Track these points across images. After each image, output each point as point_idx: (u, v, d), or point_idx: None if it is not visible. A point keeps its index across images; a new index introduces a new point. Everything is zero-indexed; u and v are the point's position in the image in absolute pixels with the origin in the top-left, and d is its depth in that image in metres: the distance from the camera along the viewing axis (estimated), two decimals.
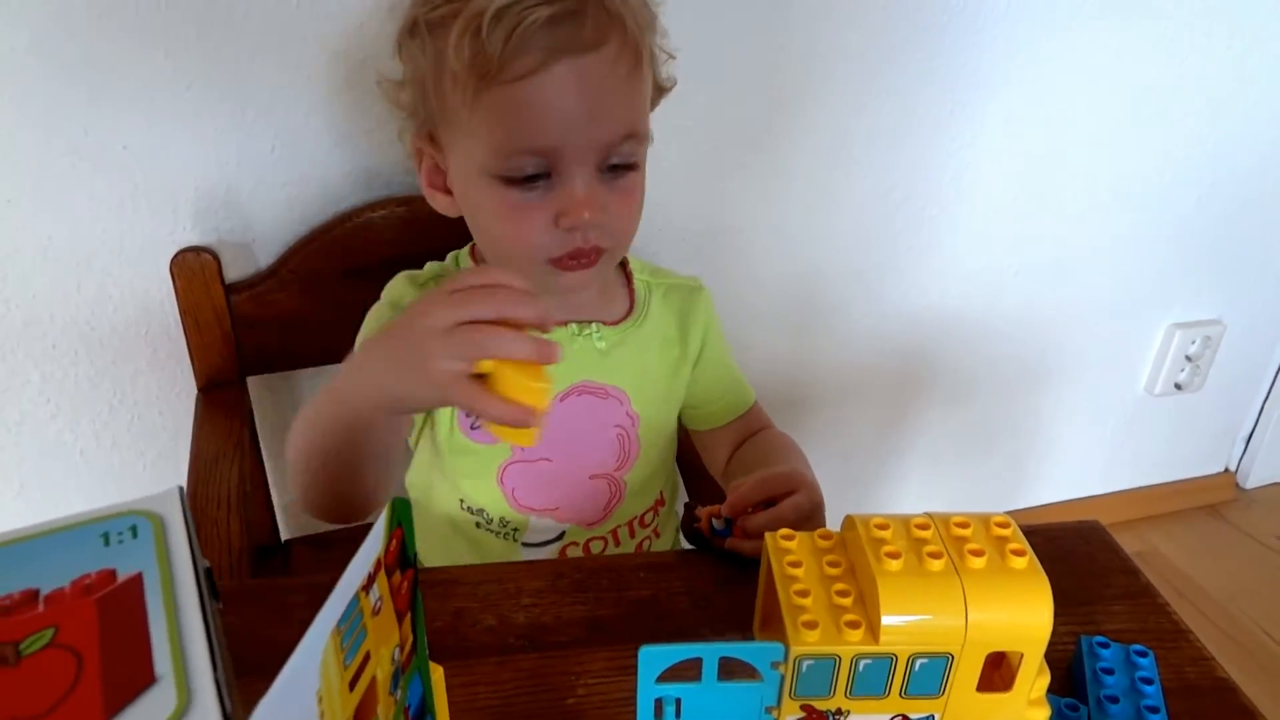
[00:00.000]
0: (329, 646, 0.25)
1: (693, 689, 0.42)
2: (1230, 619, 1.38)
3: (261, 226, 0.86)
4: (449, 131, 0.64)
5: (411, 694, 0.32)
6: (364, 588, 0.27)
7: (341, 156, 0.86)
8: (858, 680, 0.41)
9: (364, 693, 0.27)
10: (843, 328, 1.17)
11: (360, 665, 0.27)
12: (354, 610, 0.26)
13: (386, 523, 0.28)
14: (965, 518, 0.42)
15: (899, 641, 0.40)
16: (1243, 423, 1.56)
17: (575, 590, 0.55)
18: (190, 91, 0.79)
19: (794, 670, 0.41)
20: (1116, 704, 0.48)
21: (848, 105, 1.02)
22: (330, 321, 0.86)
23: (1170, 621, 0.56)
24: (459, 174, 0.66)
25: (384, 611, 0.28)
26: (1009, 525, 0.42)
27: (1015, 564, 0.40)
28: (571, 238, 0.62)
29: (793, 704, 0.42)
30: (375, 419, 0.54)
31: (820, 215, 1.08)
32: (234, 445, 0.76)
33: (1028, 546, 0.41)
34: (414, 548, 0.30)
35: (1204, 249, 1.31)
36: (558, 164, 0.61)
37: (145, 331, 0.88)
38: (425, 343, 0.47)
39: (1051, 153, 1.14)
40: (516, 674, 0.50)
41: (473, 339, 0.46)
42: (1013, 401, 1.34)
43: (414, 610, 0.31)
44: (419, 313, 0.49)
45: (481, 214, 0.66)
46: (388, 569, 0.28)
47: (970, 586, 0.39)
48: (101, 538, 0.26)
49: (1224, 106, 1.19)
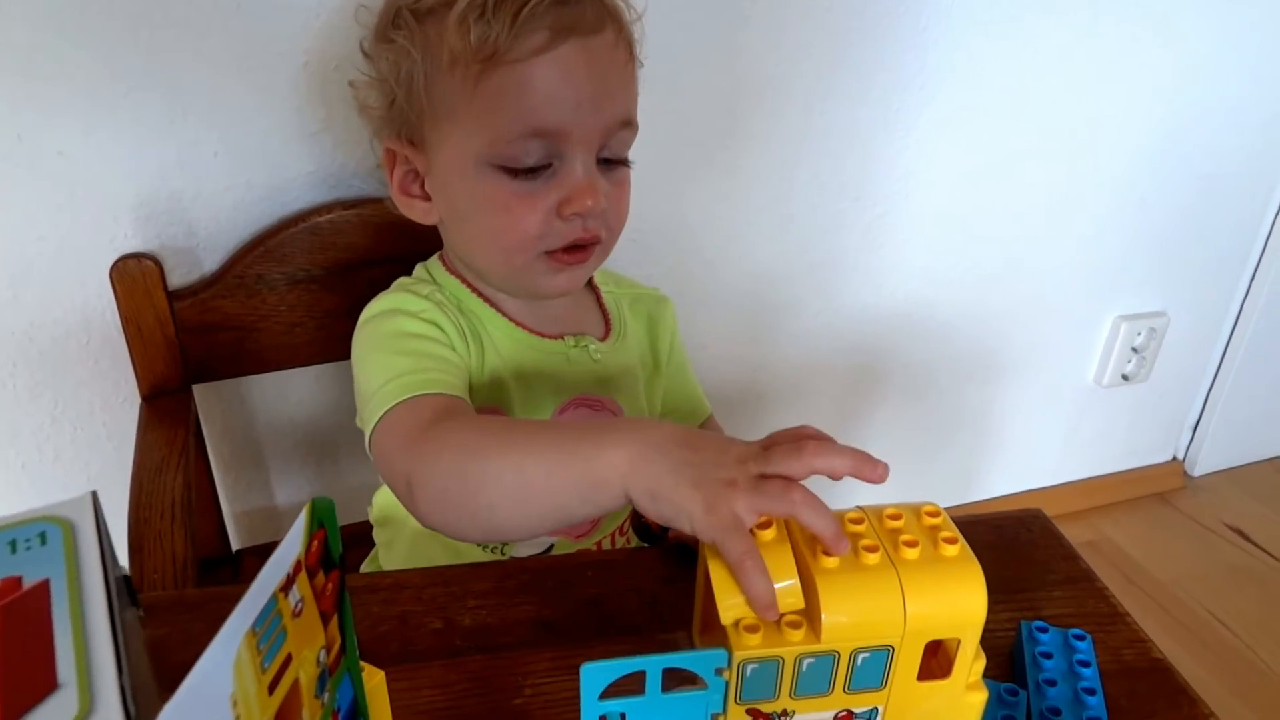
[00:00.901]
0: (243, 649, 0.24)
1: (637, 703, 0.41)
2: (1179, 603, 1.41)
3: (206, 232, 0.85)
4: (439, 125, 0.62)
5: (341, 697, 0.32)
6: (282, 589, 0.26)
7: (286, 160, 0.85)
8: (801, 680, 0.41)
9: (286, 696, 0.27)
10: (797, 327, 1.18)
11: (281, 668, 0.27)
12: (271, 612, 0.26)
13: (306, 524, 0.28)
14: (897, 509, 0.43)
15: (841, 638, 0.40)
16: (1189, 412, 1.60)
17: (522, 591, 0.55)
18: (128, 96, 0.78)
19: (738, 675, 0.41)
20: (1054, 687, 0.49)
21: (797, 106, 1.03)
22: (277, 328, 0.85)
23: (1108, 605, 0.57)
24: (448, 170, 0.64)
25: (306, 613, 0.28)
26: (939, 514, 0.42)
27: (947, 552, 0.41)
28: (572, 228, 0.62)
29: (739, 709, 0.42)
30: (601, 500, 0.47)
31: (773, 216, 1.09)
32: (178, 454, 0.75)
33: (959, 534, 0.41)
34: (338, 549, 0.30)
35: (1147, 243, 1.34)
36: (561, 149, 0.61)
37: (86, 341, 0.86)
38: (730, 473, 0.42)
39: (996, 151, 1.16)
40: (463, 676, 0.49)
41: (788, 495, 0.41)
42: (965, 396, 1.36)
43: (341, 612, 0.31)
44: (729, 443, 0.45)
45: (474, 207, 0.64)
46: (309, 570, 0.28)
47: (906, 578, 0.40)
48: (9, 545, 0.25)
49: (1163, 105, 1.22)
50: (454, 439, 0.53)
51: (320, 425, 0.97)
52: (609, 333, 0.74)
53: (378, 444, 0.59)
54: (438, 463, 0.52)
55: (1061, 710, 0.48)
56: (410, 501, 0.54)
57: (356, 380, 0.65)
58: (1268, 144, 1.35)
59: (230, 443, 0.95)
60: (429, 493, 0.53)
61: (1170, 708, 0.50)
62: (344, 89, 0.83)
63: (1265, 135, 1.33)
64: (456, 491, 0.51)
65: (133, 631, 0.28)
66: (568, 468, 0.47)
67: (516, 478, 0.49)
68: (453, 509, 0.52)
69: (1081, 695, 0.49)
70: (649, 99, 0.68)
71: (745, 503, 0.41)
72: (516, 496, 0.49)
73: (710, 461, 0.43)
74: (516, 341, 0.69)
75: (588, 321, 0.74)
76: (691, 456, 0.44)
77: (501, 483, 0.50)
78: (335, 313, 0.85)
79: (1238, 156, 1.32)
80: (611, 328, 0.75)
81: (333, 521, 0.29)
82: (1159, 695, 0.51)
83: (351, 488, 0.99)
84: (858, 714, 0.42)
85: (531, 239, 0.63)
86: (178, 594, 0.60)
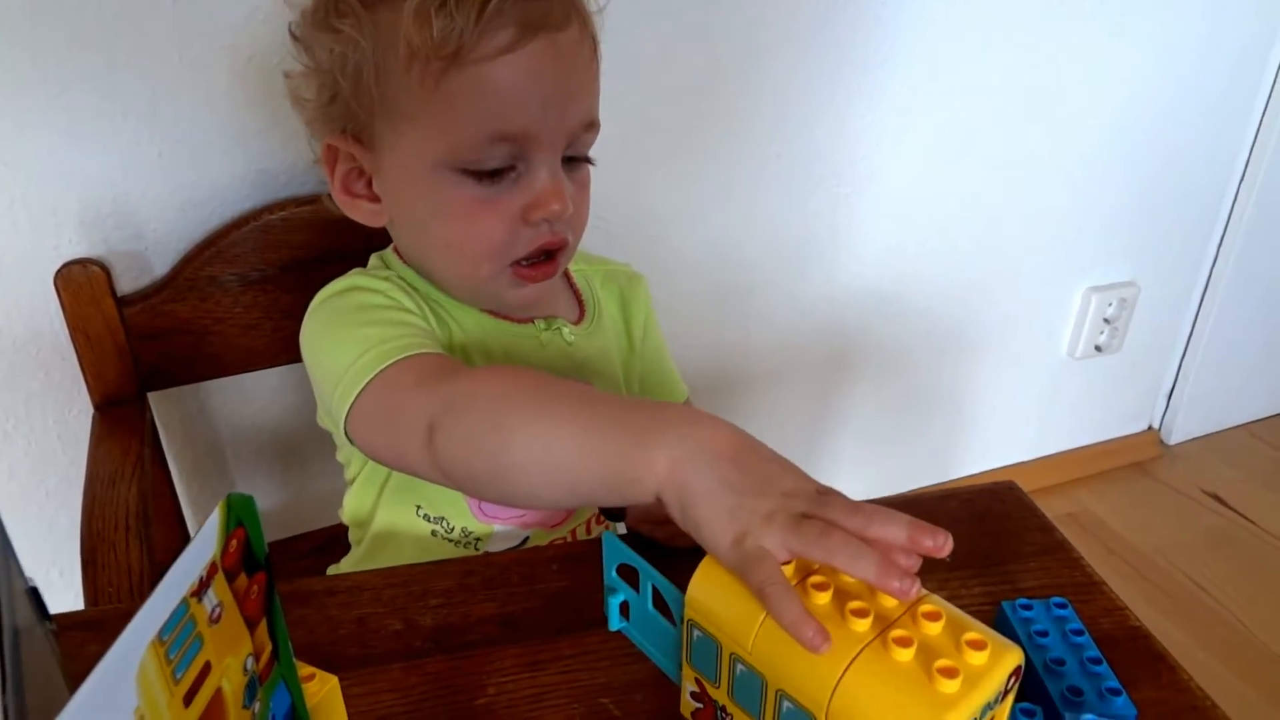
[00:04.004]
0: (149, 660, 0.23)
1: (635, 598, 0.43)
2: (1159, 571, 1.42)
3: (154, 235, 0.83)
4: (392, 123, 0.58)
5: (277, 705, 0.30)
6: (195, 594, 0.25)
7: (234, 159, 0.82)
8: (737, 685, 0.39)
9: (207, 707, 0.26)
10: (767, 310, 1.17)
11: (198, 678, 0.25)
12: (183, 619, 0.24)
13: (221, 523, 0.26)
14: (939, 610, 0.36)
15: (767, 666, 0.37)
16: (1163, 381, 1.61)
17: (485, 587, 0.54)
18: (64, 98, 0.75)
19: (688, 634, 0.40)
20: (1064, 665, 0.47)
21: (756, 88, 1.01)
22: (233, 330, 0.83)
23: (1084, 574, 0.56)
24: (400, 172, 0.59)
25: (227, 619, 0.26)
26: (983, 646, 0.35)
27: (942, 686, 0.34)
28: (539, 233, 0.59)
29: (690, 671, 0.41)
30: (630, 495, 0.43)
31: (739, 200, 1.08)
32: (133, 465, 0.73)
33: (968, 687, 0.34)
34: (262, 548, 0.28)
35: (1114, 214, 1.34)
36: (526, 152, 0.57)
37: (36, 352, 0.83)
38: (771, 504, 0.38)
39: (959, 126, 1.15)
40: (424, 679, 0.48)
41: (826, 539, 0.37)
42: (940, 374, 1.36)
43: (271, 616, 0.29)
44: (782, 471, 0.41)
45: (432, 215, 0.60)
46: (228, 573, 0.26)
47: (861, 665, 0.35)
48: None
49: (1125, 77, 1.22)
50: (491, 386, 0.49)
51: (285, 429, 0.95)
52: (583, 316, 0.71)
53: (367, 410, 0.53)
54: (472, 408, 0.48)
55: (1083, 690, 0.45)
56: (429, 451, 0.48)
57: (318, 363, 0.59)
58: (1230, 111, 1.35)
59: (192, 451, 0.93)
60: (455, 440, 0.48)
61: (1150, 675, 0.49)
62: None
63: (1227, 102, 1.34)
64: (484, 444, 0.46)
65: (41, 646, 0.26)
66: (601, 455, 0.43)
67: (545, 449, 0.45)
68: (478, 462, 0.47)
69: (1089, 667, 0.47)
70: (612, 85, 0.65)
71: (778, 539, 0.37)
72: (542, 467, 0.45)
73: (753, 489, 0.39)
74: (486, 329, 0.65)
75: (559, 304, 0.70)
76: (735, 478, 0.40)
77: (530, 450, 0.45)
78: (292, 312, 0.83)
79: (1200, 124, 1.33)
80: (585, 310, 0.72)
81: (254, 520, 0.28)
82: (1138, 662, 0.50)
83: (323, 492, 0.97)
84: None
85: (497, 248, 0.59)
86: (129, 607, 0.58)
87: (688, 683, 0.42)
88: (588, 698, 0.47)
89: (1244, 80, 1.34)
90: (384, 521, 0.69)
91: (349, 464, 0.69)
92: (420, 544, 0.68)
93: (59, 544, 0.90)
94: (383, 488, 0.68)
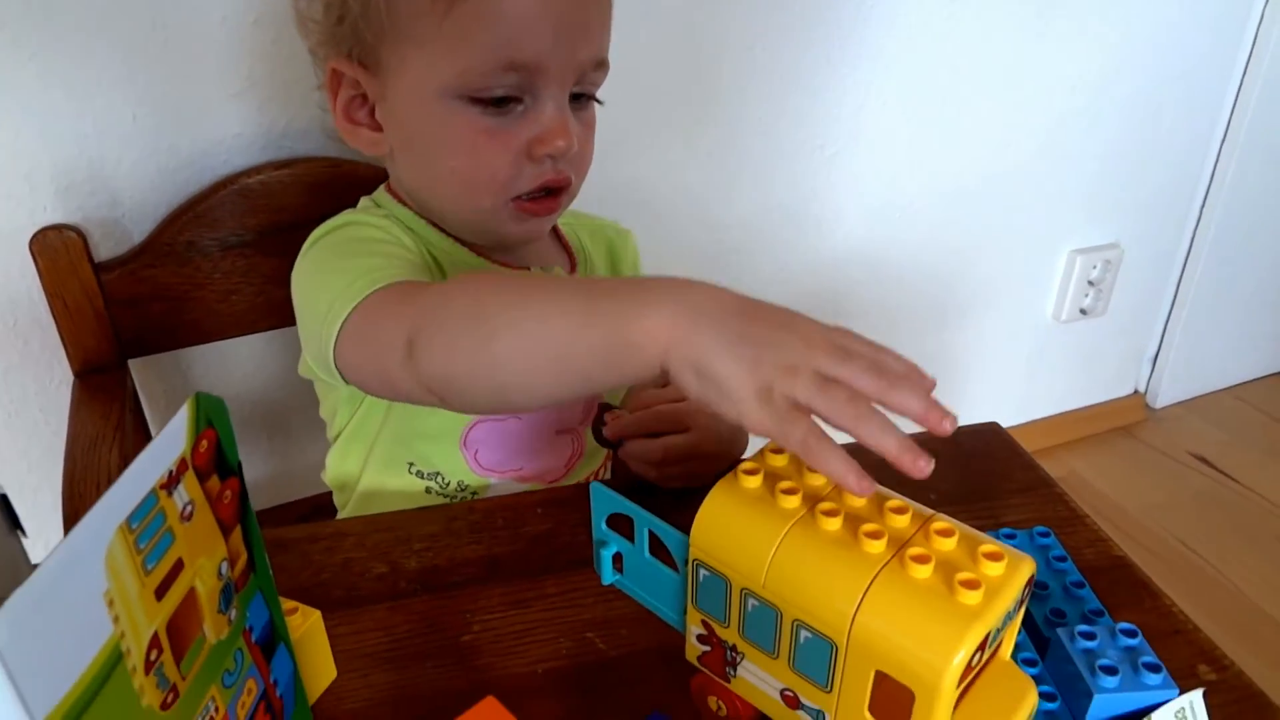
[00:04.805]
0: (117, 544, 0.23)
1: (629, 549, 0.42)
2: (1148, 532, 1.43)
3: (131, 200, 0.82)
4: (399, 47, 0.57)
5: (254, 616, 0.30)
6: (164, 487, 0.24)
7: (210, 122, 0.82)
8: (749, 621, 0.38)
9: (179, 605, 0.25)
10: (755, 277, 1.17)
11: (171, 573, 0.25)
12: (153, 509, 0.24)
13: (190, 420, 0.26)
14: (953, 528, 0.36)
15: (782, 596, 0.36)
16: (1147, 345, 1.61)
17: (470, 532, 0.53)
18: (33, 62, 0.74)
19: (693, 575, 0.39)
20: (1046, 589, 0.47)
21: (739, 50, 1.01)
22: (212, 295, 0.83)
23: (1068, 508, 0.57)
24: (407, 98, 0.59)
25: (199, 518, 0.26)
26: (1001, 556, 0.34)
27: (964, 598, 0.33)
28: (542, 169, 0.59)
29: (696, 614, 0.40)
30: (632, 369, 0.40)
31: (724, 165, 1.07)
32: (113, 429, 0.72)
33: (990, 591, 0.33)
34: (234, 454, 0.28)
35: (1096, 176, 1.34)
36: (534, 83, 0.57)
37: (14, 323, 0.82)
38: (793, 358, 0.36)
39: (942, 87, 1.15)
40: (409, 617, 0.48)
41: (854, 407, 0.35)
42: (926, 339, 1.36)
43: (246, 524, 0.29)
44: (794, 319, 0.38)
45: (437, 144, 0.59)
46: (200, 472, 0.26)
47: (881, 584, 0.34)
48: None
49: (1105, 37, 1.22)
50: (466, 287, 0.47)
51: (268, 397, 0.95)
52: (575, 267, 0.71)
53: (351, 335, 0.52)
54: (448, 309, 0.46)
55: (1065, 612, 0.46)
56: (409, 365, 0.46)
57: (307, 299, 0.58)
58: (1209, 72, 1.35)
59: None
60: (436, 346, 0.45)
61: (1133, 601, 0.50)
62: (266, 45, 0.80)
63: (1207, 63, 1.34)
64: (467, 340, 0.44)
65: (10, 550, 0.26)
66: (595, 326, 0.40)
67: (538, 327, 0.42)
68: (462, 362, 0.44)
69: (1072, 591, 0.47)
70: None
71: (805, 393, 0.35)
72: (536, 350, 0.42)
73: (769, 340, 0.37)
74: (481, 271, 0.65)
75: (549, 255, 0.70)
76: (750, 330, 0.37)
77: (520, 331, 0.43)
78: (273, 277, 0.83)
79: (1180, 85, 1.33)
80: (576, 260, 0.72)
81: (225, 424, 0.27)
82: (1121, 589, 0.50)
83: (310, 462, 0.96)
84: (805, 705, 0.37)
85: (501, 182, 0.59)
86: None
87: (693, 626, 0.40)
88: (573, 633, 0.47)
89: (1224, 41, 1.34)
90: (372, 481, 0.68)
91: (332, 419, 0.69)
92: (412, 502, 0.67)
93: (45, 516, 0.89)
94: (372, 445, 0.67)
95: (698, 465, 0.57)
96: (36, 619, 0.20)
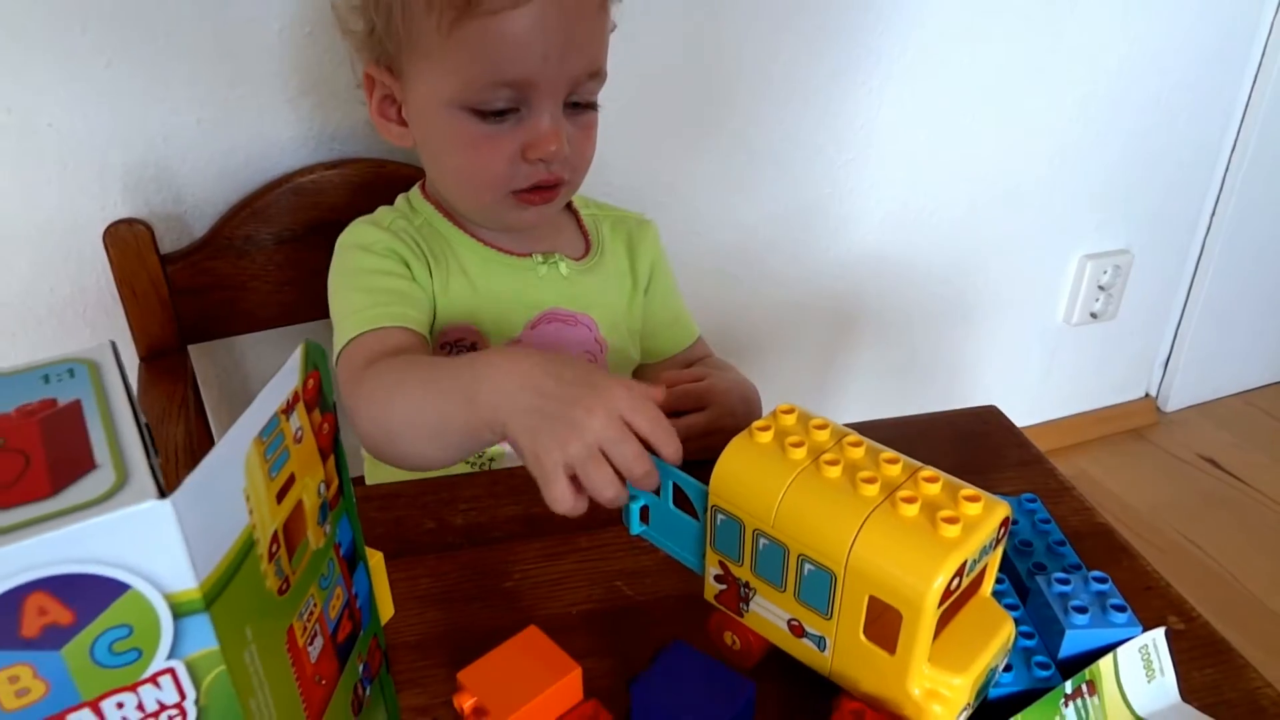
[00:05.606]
0: (252, 452, 0.28)
1: (655, 501, 0.47)
2: (1157, 532, 1.46)
3: (193, 198, 0.88)
4: (414, 60, 0.65)
5: (341, 534, 0.35)
6: (283, 412, 0.30)
7: (268, 125, 0.88)
8: (760, 558, 0.43)
9: (292, 511, 0.31)
10: (769, 276, 1.22)
11: (286, 484, 0.30)
12: (275, 428, 0.30)
13: (301, 361, 0.31)
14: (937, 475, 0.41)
15: (790, 534, 0.40)
16: (1159, 349, 1.65)
17: (510, 495, 0.59)
18: (110, 68, 0.81)
19: (711, 520, 0.44)
20: (1030, 548, 0.52)
21: (756, 58, 1.06)
22: (267, 286, 0.89)
23: (1057, 481, 0.61)
24: (421, 104, 0.67)
25: (306, 442, 0.32)
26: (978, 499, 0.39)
27: (942, 530, 0.38)
28: (535, 170, 0.66)
29: (714, 555, 0.45)
30: (490, 441, 0.51)
31: (741, 169, 1.12)
32: (178, 406, 0.78)
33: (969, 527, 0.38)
34: (332, 395, 0.34)
35: (1107, 182, 1.38)
36: (528, 97, 0.64)
37: (83, 309, 0.89)
38: (570, 431, 0.45)
39: (957, 94, 1.20)
40: (456, 566, 0.53)
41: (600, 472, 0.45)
42: (939, 340, 1.40)
43: (337, 455, 0.35)
44: (587, 391, 0.46)
45: (444, 145, 0.68)
46: (307, 404, 0.32)
47: (875, 520, 0.39)
48: (42, 378, 0.29)
49: (1116, 44, 1.26)
50: (379, 379, 0.58)
51: None
52: (589, 252, 0.78)
53: (339, 373, 0.64)
54: (368, 403, 0.57)
55: (1046, 566, 0.51)
56: (357, 424, 0.59)
57: (330, 301, 0.71)
58: (1220, 80, 1.39)
59: (228, 405, 0.99)
60: (361, 427, 0.58)
61: (1111, 561, 0.54)
62: (318, 54, 0.87)
63: (1219, 67, 1.37)
64: (379, 427, 0.56)
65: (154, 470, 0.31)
66: (456, 409, 0.50)
67: (420, 418, 0.53)
68: (380, 442, 0.57)
69: (1054, 549, 0.52)
70: (616, 60, 0.70)
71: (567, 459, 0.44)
72: (423, 434, 0.54)
73: (552, 413, 0.46)
74: (485, 260, 0.73)
75: (563, 241, 0.77)
76: (538, 404, 0.46)
77: (408, 422, 0.54)
78: (319, 271, 0.88)
79: (1191, 93, 1.36)
80: (591, 247, 0.78)
81: (325, 367, 0.33)
82: (1101, 551, 0.55)
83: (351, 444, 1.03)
84: (809, 633, 0.42)
85: (498, 180, 0.66)
86: None
87: (711, 567, 0.46)
88: (604, 581, 0.52)
89: (1234, 49, 1.37)
90: None
91: None
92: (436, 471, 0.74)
93: None
94: None
95: (715, 440, 0.62)
96: (203, 501, 0.25)
